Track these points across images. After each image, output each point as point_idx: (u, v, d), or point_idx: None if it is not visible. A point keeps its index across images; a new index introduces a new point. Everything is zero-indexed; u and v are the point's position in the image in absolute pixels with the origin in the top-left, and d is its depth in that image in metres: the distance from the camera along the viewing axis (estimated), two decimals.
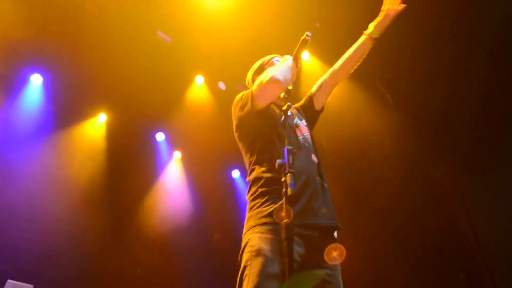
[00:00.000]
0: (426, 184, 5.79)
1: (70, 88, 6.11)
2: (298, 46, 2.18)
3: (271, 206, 1.88)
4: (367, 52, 2.43)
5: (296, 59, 2.17)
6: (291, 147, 1.68)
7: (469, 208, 5.35)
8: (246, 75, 6.68)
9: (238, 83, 6.72)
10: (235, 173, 8.12)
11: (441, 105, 5.66)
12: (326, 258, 1.86)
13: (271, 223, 1.84)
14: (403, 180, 5.93)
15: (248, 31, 5.86)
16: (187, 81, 6.56)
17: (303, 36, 2.14)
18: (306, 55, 6.27)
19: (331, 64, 6.29)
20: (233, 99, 6.89)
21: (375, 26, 2.39)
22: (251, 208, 1.97)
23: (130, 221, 6.54)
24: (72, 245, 5.47)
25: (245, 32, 5.87)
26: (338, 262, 1.90)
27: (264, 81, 2.04)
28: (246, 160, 2.20)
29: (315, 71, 6.26)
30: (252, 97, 2.09)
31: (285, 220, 1.48)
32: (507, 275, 5.00)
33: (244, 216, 6.58)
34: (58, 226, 5.47)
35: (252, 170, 2.08)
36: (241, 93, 2.27)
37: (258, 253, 1.77)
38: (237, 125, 2.23)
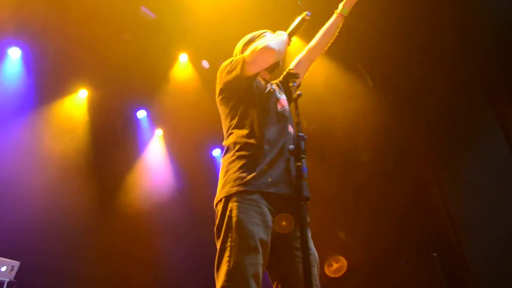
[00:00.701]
0: (404, 166, 5.97)
1: (50, 63, 6.02)
2: (295, 25, 2.24)
3: (249, 173, 1.91)
4: (338, 30, 2.52)
5: (290, 36, 2.22)
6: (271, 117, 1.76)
7: (444, 190, 5.56)
8: (230, 54, 6.69)
9: (222, 61, 6.74)
10: (216, 152, 8.20)
11: (419, 84, 5.83)
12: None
13: (250, 192, 1.88)
14: (381, 160, 6.12)
15: (233, 9, 5.86)
16: (171, 59, 6.53)
17: (303, 15, 2.21)
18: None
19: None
20: (214, 77, 6.87)
21: (344, 5, 2.50)
22: (226, 172, 1.99)
23: (112, 197, 6.58)
24: (56, 221, 5.50)
25: (230, 10, 5.86)
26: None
27: (257, 48, 2.07)
28: (225, 124, 2.22)
29: (296, 47, 6.32)
30: (244, 62, 2.10)
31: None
32: (478, 255, 5.26)
33: None
34: (42, 202, 5.48)
35: (230, 134, 2.12)
36: (230, 59, 2.28)
37: (237, 224, 1.81)
38: (221, 89, 2.25)
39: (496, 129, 5.39)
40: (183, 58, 6.54)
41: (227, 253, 1.78)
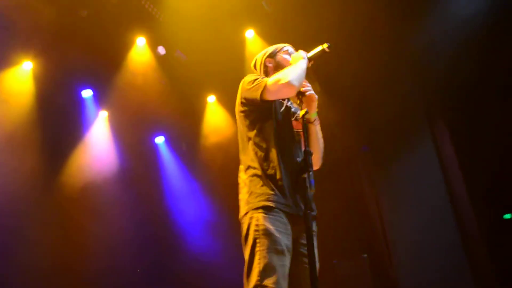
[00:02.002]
0: (344, 171, 6.45)
1: None
2: (316, 52, 2.37)
3: (270, 191, 2.15)
4: (316, 134, 2.46)
5: (310, 60, 2.36)
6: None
7: (379, 197, 6.10)
8: (188, 43, 6.73)
9: (178, 50, 6.80)
10: (159, 139, 8.23)
11: (364, 97, 6.33)
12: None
13: (271, 207, 2.12)
14: (323, 162, 6.54)
15: None
16: (128, 42, 6.47)
17: (324, 46, 2.34)
18: (251, 34, 6.53)
19: (273, 43, 6.66)
20: (170, 65, 6.89)
21: (306, 110, 2.32)
22: (249, 188, 2.20)
23: (54, 174, 6.45)
24: None
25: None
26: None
27: (280, 82, 2.20)
28: (243, 138, 2.38)
29: (258, 50, 6.56)
30: (265, 89, 2.24)
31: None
32: (403, 258, 5.86)
33: (166, 179, 6.74)
34: None
35: (249, 151, 2.30)
36: (254, 76, 2.40)
37: (265, 231, 2.06)
38: (242, 102, 2.40)
39: (429, 144, 6.03)
40: (140, 42, 6.50)
41: (257, 257, 2.01)
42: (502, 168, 5.28)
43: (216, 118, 7.70)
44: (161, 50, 6.71)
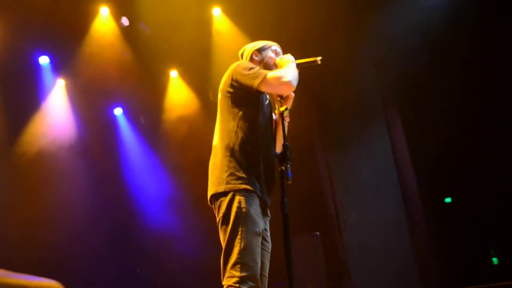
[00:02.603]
0: (303, 156, 6.73)
1: None
2: (307, 61, 2.52)
3: (249, 175, 2.31)
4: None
5: (297, 67, 2.50)
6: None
7: (334, 181, 6.45)
8: (154, 16, 6.70)
9: (142, 22, 6.75)
10: (118, 111, 8.20)
11: (325, 88, 6.61)
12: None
13: (251, 191, 2.29)
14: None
15: None
16: (91, 11, 6.35)
17: (316, 59, 2.49)
18: (218, 12, 6.59)
19: (240, 25, 6.79)
20: (133, 38, 6.84)
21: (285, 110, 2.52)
22: (228, 169, 2.32)
23: (12, 142, 6.36)
24: None
25: None
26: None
27: (282, 79, 2.31)
28: (226, 120, 2.46)
29: (223, 28, 6.68)
30: (264, 80, 2.32)
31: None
32: (352, 237, 6.27)
33: (124, 152, 6.81)
34: None
35: (231, 133, 2.39)
36: (250, 64, 2.50)
37: (247, 214, 2.22)
38: (232, 84, 2.44)
39: (383, 131, 6.40)
40: (104, 11, 6.40)
41: (238, 237, 2.18)
42: (447, 156, 5.74)
43: (178, 93, 7.75)
44: (125, 21, 6.62)
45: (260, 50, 2.69)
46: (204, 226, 7.15)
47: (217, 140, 2.47)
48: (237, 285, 2.12)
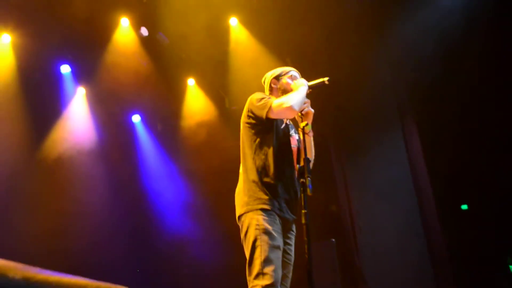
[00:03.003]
0: (318, 163, 6.81)
1: None
2: (316, 83, 2.76)
3: (267, 197, 2.58)
4: (310, 143, 2.96)
5: (310, 88, 2.76)
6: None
7: (349, 188, 6.52)
8: (172, 26, 6.87)
9: (160, 32, 6.95)
10: (136, 118, 8.40)
11: (342, 95, 6.70)
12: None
13: (268, 210, 2.55)
14: None
15: None
16: (111, 21, 6.57)
17: (324, 79, 2.73)
18: (234, 21, 6.75)
19: (257, 35, 6.91)
20: (152, 47, 7.03)
21: (303, 121, 2.77)
22: (249, 191, 2.62)
23: (36, 148, 6.63)
24: None
25: None
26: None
27: (283, 106, 2.62)
28: (246, 145, 2.77)
29: (241, 37, 6.85)
30: (269, 109, 2.66)
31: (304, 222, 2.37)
32: (367, 244, 6.32)
33: (142, 158, 6.99)
34: None
35: (251, 158, 2.70)
36: (261, 95, 2.82)
37: (265, 230, 2.49)
38: (248, 115, 2.79)
39: (399, 138, 6.46)
40: (124, 22, 6.61)
41: (258, 250, 2.43)
42: (463, 163, 5.77)
43: (195, 101, 7.92)
44: (144, 31, 6.84)
45: (277, 78, 3.00)
46: (220, 232, 7.32)
47: (241, 167, 2.78)
48: None
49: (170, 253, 7.33)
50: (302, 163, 2.52)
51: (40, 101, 6.90)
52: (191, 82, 7.90)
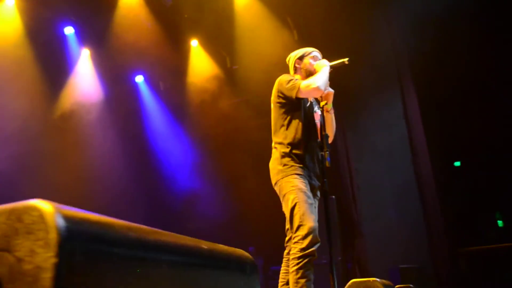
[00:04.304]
0: None
1: None
2: (337, 63, 3.08)
3: (298, 166, 2.98)
4: (331, 120, 3.27)
5: (331, 68, 3.10)
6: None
7: (348, 147, 6.89)
8: None
9: None
10: (139, 78, 8.68)
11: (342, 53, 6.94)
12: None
13: (301, 175, 2.95)
14: None
15: None
16: None
17: (345, 60, 3.06)
18: None
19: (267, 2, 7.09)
20: (155, 9, 7.15)
21: (325, 100, 3.17)
22: (282, 160, 3.04)
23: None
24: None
25: None
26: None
27: (311, 86, 2.99)
28: (278, 122, 3.17)
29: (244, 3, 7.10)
30: (298, 90, 3.02)
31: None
32: (365, 200, 6.75)
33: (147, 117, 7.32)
34: None
35: (282, 133, 3.10)
36: (289, 77, 3.18)
37: (300, 190, 2.92)
38: (278, 96, 3.15)
39: (398, 101, 6.78)
40: None
41: (297, 207, 2.86)
42: (457, 122, 6.13)
43: (198, 62, 8.20)
44: None
45: (301, 58, 3.32)
46: (224, 189, 7.77)
47: (273, 141, 3.17)
48: (302, 240, 2.78)
49: (177, 208, 7.81)
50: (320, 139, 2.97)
51: (47, 62, 7.18)
52: (194, 43, 8.12)
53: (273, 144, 3.19)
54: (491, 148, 5.87)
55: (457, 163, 6.35)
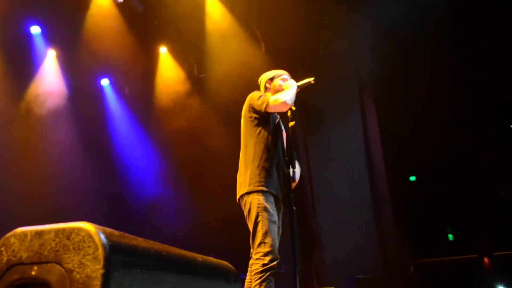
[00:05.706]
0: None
1: None
2: (303, 83, 3.30)
3: (266, 179, 3.11)
4: None
5: (298, 88, 3.32)
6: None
7: (310, 159, 7.18)
8: None
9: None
10: (104, 81, 8.75)
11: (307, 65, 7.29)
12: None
13: (267, 192, 3.09)
14: None
15: None
16: None
17: (310, 79, 3.28)
18: None
19: (229, 6, 7.35)
20: (126, 13, 7.27)
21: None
22: (250, 174, 3.17)
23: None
24: None
25: None
26: None
27: (279, 101, 3.18)
28: (248, 136, 3.32)
29: (216, 11, 7.34)
30: (267, 104, 3.20)
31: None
32: (325, 212, 7.04)
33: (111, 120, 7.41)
34: None
35: (251, 147, 3.25)
36: (259, 93, 3.40)
37: (265, 208, 3.05)
38: (249, 110, 3.33)
39: (358, 116, 7.16)
40: None
41: (260, 225, 3.01)
42: (413, 139, 6.55)
43: (166, 68, 8.37)
44: None
45: (272, 79, 3.57)
46: (187, 195, 7.91)
47: (241, 154, 3.35)
48: (263, 257, 2.95)
49: (139, 214, 7.89)
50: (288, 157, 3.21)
51: (11, 60, 7.17)
52: (163, 50, 8.29)
53: (241, 157, 3.37)
54: (446, 164, 6.30)
55: (412, 178, 6.75)
